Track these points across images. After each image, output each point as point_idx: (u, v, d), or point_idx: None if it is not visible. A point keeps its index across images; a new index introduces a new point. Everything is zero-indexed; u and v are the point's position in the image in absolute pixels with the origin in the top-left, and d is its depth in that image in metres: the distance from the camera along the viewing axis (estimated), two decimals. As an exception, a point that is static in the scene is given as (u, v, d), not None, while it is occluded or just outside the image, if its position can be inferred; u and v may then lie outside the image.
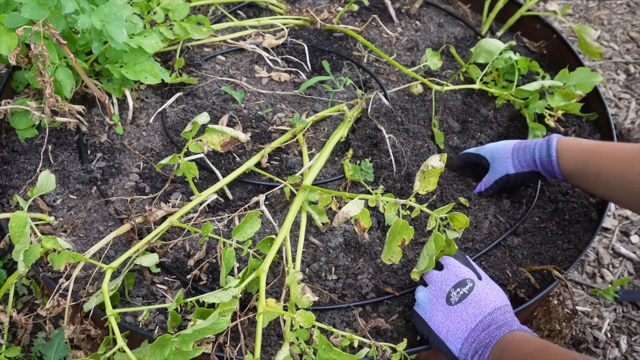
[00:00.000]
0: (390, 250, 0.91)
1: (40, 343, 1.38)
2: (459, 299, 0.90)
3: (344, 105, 1.24)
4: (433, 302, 0.92)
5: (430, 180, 0.90)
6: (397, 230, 0.90)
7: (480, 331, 0.86)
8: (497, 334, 0.85)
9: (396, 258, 0.91)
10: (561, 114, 1.29)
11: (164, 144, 1.24)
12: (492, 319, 0.87)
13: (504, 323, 0.86)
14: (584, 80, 1.27)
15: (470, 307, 0.89)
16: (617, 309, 1.56)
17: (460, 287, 0.91)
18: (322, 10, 1.58)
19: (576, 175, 1.05)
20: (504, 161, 1.13)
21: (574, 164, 1.04)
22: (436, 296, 0.92)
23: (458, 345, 0.87)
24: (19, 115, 1.18)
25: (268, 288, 1.02)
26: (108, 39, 1.07)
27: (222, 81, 1.36)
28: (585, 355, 0.79)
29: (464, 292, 0.90)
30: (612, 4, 2.48)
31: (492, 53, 1.24)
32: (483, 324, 0.87)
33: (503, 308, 0.89)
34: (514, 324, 0.87)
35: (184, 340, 0.76)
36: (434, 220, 0.91)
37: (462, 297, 0.90)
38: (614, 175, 0.98)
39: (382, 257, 0.92)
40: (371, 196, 0.93)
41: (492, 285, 0.93)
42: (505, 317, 0.88)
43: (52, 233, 1.08)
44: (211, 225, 0.97)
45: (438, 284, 0.93)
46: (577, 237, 1.14)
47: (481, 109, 1.36)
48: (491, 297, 0.90)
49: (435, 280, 0.94)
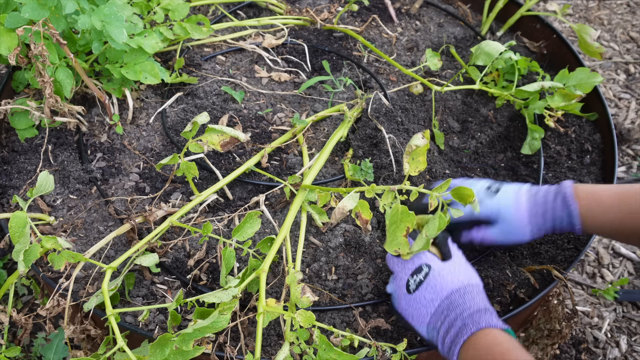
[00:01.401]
0: (395, 240, 0.89)
1: (40, 343, 1.38)
2: (416, 286, 0.90)
3: (344, 105, 1.24)
4: (397, 292, 0.94)
5: (420, 160, 0.89)
6: (398, 217, 0.88)
7: (440, 316, 0.87)
8: (463, 326, 0.83)
9: (404, 249, 0.89)
10: (561, 114, 1.29)
11: (164, 144, 1.24)
12: (450, 302, 0.87)
13: (464, 308, 0.85)
14: (584, 80, 1.27)
15: (427, 293, 0.89)
16: (617, 309, 1.56)
17: (416, 274, 0.91)
18: (322, 10, 1.58)
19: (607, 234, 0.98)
20: (519, 229, 0.99)
21: (601, 229, 0.96)
22: (398, 285, 0.93)
23: (423, 330, 0.90)
24: (19, 115, 1.18)
25: (268, 288, 1.02)
26: (108, 39, 1.07)
27: (222, 81, 1.36)
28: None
29: (420, 278, 0.91)
30: (612, 4, 2.48)
31: (491, 55, 1.24)
32: (441, 308, 0.87)
33: (461, 289, 0.88)
34: (475, 307, 0.85)
35: (184, 340, 0.76)
36: (435, 199, 0.87)
37: (419, 284, 0.90)
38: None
39: (386, 246, 0.89)
40: (367, 187, 0.92)
41: (455, 266, 0.92)
42: (463, 300, 0.86)
43: (52, 233, 1.08)
44: (211, 225, 0.97)
45: (399, 273, 0.94)
46: (577, 237, 1.14)
47: (481, 109, 1.36)
48: (448, 280, 0.89)
49: (397, 270, 0.94)
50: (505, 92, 1.30)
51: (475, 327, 0.83)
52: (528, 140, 1.29)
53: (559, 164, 1.29)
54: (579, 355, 1.44)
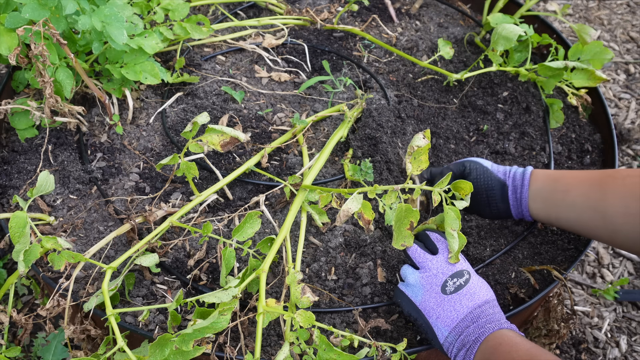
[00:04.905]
0: (400, 235, 0.91)
1: (40, 343, 1.38)
2: (455, 290, 0.91)
3: (344, 105, 1.24)
4: (426, 288, 0.93)
5: (421, 159, 0.91)
6: (403, 215, 0.90)
7: (469, 322, 0.87)
8: (486, 329, 0.86)
9: (409, 241, 0.92)
10: (585, 92, 1.33)
11: (164, 144, 1.24)
12: (482, 311, 0.88)
13: (493, 318, 0.88)
14: (598, 55, 1.29)
15: (464, 299, 0.90)
16: (617, 309, 1.56)
17: (457, 278, 0.92)
18: (322, 10, 1.58)
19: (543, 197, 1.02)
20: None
21: (543, 183, 1.02)
22: (430, 282, 0.93)
23: (445, 332, 0.89)
24: (19, 115, 1.18)
25: (268, 288, 1.02)
26: (108, 39, 1.07)
27: (222, 81, 1.36)
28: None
29: (461, 283, 0.91)
30: (612, 4, 2.48)
31: (510, 40, 1.25)
32: (472, 315, 0.88)
33: (492, 302, 0.91)
34: (502, 320, 0.88)
35: (184, 340, 0.76)
36: (437, 195, 0.90)
37: (458, 287, 0.91)
38: (581, 194, 0.96)
39: (394, 243, 0.92)
40: (370, 188, 0.93)
41: (481, 279, 0.95)
42: (493, 311, 0.89)
43: (52, 233, 1.08)
44: (211, 225, 0.97)
45: (433, 270, 0.93)
46: (577, 237, 1.14)
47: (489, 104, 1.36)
48: (483, 291, 0.92)
49: (430, 267, 0.94)
50: (524, 71, 1.32)
51: (497, 326, 0.86)
52: (551, 114, 1.31)
53: (559, 163, 1.29)
54: (579, 355, 1.45)
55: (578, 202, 0.97)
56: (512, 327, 0.88)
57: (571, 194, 0.98)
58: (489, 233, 1.14)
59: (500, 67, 1.32)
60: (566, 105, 1.36)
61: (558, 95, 1.38)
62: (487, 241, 1.13)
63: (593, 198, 0.95)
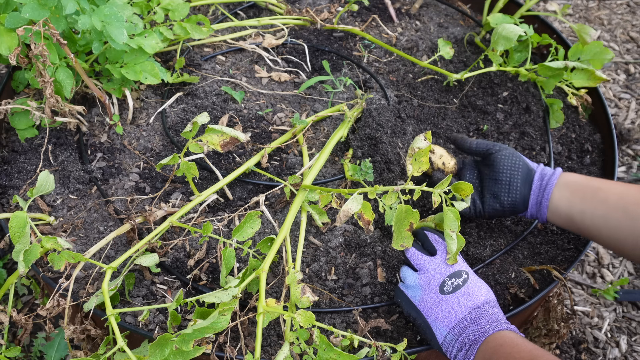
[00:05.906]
0: (400, 236, 0.92)
1: (40, 343, 1.38)
2: (453, 290, 0.91)
3: (344, 105, 1.24)
4: (425, 288, 0.93)
5: (422, 160, 0.91)
6: (403, 216, 0.91)
7: (468, 323, 0.87)
8: (486, 330, 0.86)
9: (408, 242, 0.93)
10: (585, 92, 1.33)
11: (164, 144, 1.24)
12: (481, 311, 0.89)
13: (492, 319, 0.88)
14: (598, 55, 1.29)
15: (462, 299, 0.90)
16: (617, 309, 1.56)
17: (455, 278, 0.92)
18: (322, 10, 1.58)
19: (573, 188, 1.00)
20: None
21: (576, 177, 1.01)
22: (429, 283, 0.93)
23: (444, 332, 0.89)
24: (19, 115, 1.18)
25: (268, 288, 1.02)
26: (108, 39, 1.07)
27: (222, 81, 1.36)
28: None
29: (458, 283, 0.91)
30: (612, 4, 2.48)
31: (510, 40, 1.26)
32: (471, 315, 0.88)
33: (491, 302, 0.91)
34: (502, 321, 0.88)
35: (184, 340, 0.76)
36: (437, 196, 0.90)
37: (456, 288, 0.91)
38: (616, 193, 0.94)
39: (393, 244, 0.93)
40: (370, 188, 0.93)
41: (480, 279, 0.95)
42: (493, 312, 0.89)
43: (52, 233, 1.08)
44: (211, 225, 0.97)
45: (431, 271, 0.93)
46: (577, 237, 1.14)
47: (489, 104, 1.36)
48: (482, 291, 0.92)
49: (428, 268, 0.94)
50: (524, 70, 1.32)
51: (497, 327, 0.86)
52: (551, 114, 1.31)
53: (559, 164, 1.29)
54: (579, 355, 1.45)
55: (611, 199, 0.94)
56: (512, 328, 0.88)
57: (605, 190, 0.96)
58: (488, 233, 1.15)
59: (500, 67, 1.32)
60: (566, 105, 1.37)
61: (558, 95, 1.38)
62: (487, 241, 1.13)
63: (628, 200, 0.93)
